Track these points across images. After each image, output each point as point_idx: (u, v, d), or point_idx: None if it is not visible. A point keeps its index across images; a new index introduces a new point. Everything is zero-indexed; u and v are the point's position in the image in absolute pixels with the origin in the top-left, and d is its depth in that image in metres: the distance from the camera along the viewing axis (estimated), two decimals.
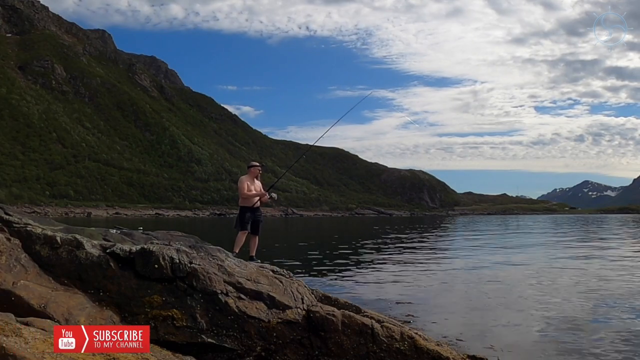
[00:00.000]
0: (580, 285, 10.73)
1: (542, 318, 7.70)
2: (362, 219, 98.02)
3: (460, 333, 6.74)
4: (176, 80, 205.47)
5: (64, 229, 6.90)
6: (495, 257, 16.99)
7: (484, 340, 6.37)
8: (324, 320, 4.97)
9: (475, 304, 8.83)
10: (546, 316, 7.83)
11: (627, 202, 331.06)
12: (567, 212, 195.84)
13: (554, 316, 7.82)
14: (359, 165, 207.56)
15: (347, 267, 14.12)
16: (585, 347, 6.12)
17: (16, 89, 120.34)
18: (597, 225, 53.44)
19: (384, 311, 7.40)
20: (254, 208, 8.00)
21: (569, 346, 6.18)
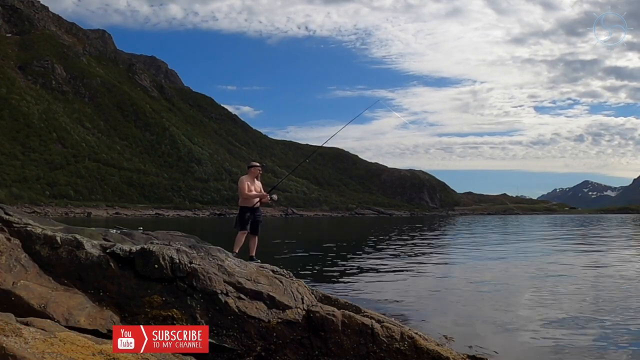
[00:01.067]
0: (580, 285, 10.73)
1: (542, 318, 7.70)
2: (362, 219, 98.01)
3: (460, 333, 6.74)
4: (176, 80, 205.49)
5: (64, 229, 6.90)
6: (495, 257, 16.99)
7: (484, 340, 6.37)
8: (324, 320, 4.97)
9: (476, 304, 8.83)
10: (546, 316, 7.83)
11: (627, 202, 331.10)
12: (567, 212, 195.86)
13: (554, 316, 7.82)
14: (359, 165, 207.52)
15: (347, 267, 14.12)
16: (585, 347, 6.12)
17: (16, 89, 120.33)
18: (596, 225, 53.43)
19: (384, 311, 7.41)
20: (254, 208, 8.00)
21: (568, 346, 6.18)
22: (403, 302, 8.86)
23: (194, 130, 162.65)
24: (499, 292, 10.12)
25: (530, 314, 8.02)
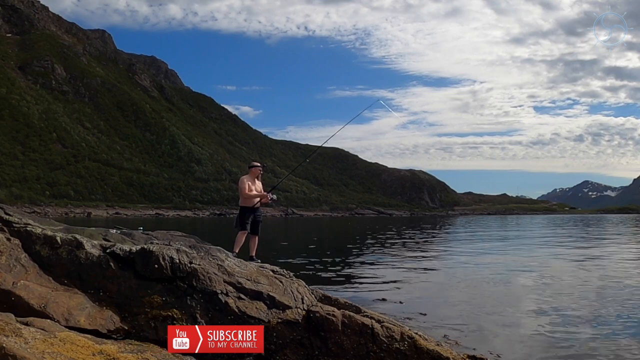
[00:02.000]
0: (580, 285, 10.73)
1: (542, 318, 7.70)
2: (362, 219, 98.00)
3: (460, 333, 6.74)
4: (176, 80, 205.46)
5: (64, 229, 6.90)
6: (494, 257, 16.99)
7: (484, 340, 6.37)
8: (324, 320, 4.97)
9: (476, 304, 8.82)
10: (546, 316, 7.83)
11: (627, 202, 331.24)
12: (567, 212, 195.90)
13: (554, 315, 7.82)
14: (359, 165, 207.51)
15: (347, 267, 14.13)
16: (586, 347, 6.12)
17: (16, 89, 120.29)
18: (596, 225, 53.43)
19: (384, 311, 7.41)
20: (254, 208, 8.00)
21: (568, 346, 6.18)
22: (403, 302, 8.86)
23: (194, 130, 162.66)
24: (499, 291, 10.12)
25: (531, 314, 8.02)
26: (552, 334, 6.78)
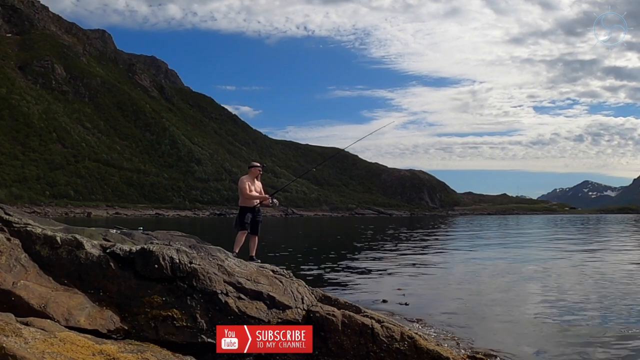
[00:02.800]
0: (581, 285, 10.73)
1: (543, 318, 7.70)
2: (362, 219, 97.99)
3: (460, 332, 6.74)
4: (176, 80, 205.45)
5: (64, 229, 6.90)
6: (494, 257, 16.99)
7: (484, 340, 6.37)
8: (324, 320, 4.96)
9: (476, 304, 8.83)
10: (548, 316, 7.83)
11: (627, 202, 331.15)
12: (567, 212, 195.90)
13: (555, 316, 7.82)
14: (359, 165, 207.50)
15: (347, 267, 14.12)
16: (586, 347, 6.12)
17: (16, 89, 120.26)
18: (596, 225, 53.43)
19: (383, 311, 7.41)
20: (254, 208, 8.00)
21: (570, 346, 6.18)
22: (403, 302, 8.85)
23: (194, 130, 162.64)
24: (499, 291, 10.12)
25: (531, 313, 8.02)
26: (553, 333, 6.78)
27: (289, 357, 4.81)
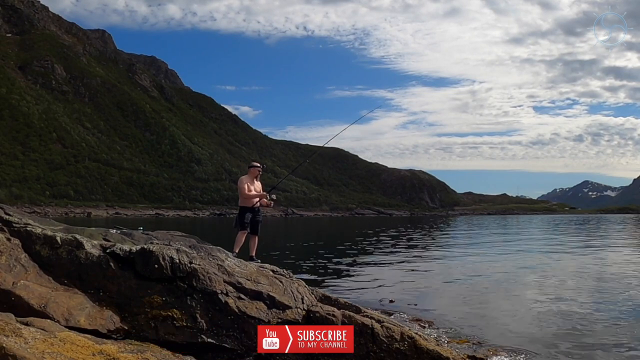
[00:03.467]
0: (581, 284, 10.72)
1: (545, 318, 7.70)
2: (362, 219, 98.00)
3: (460, 332, 6.74)
4: (176, 80, 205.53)
5: (64, 229, 6.90)
6: (494, 257, 16.99)
7: (484, 340, 6.37)
8: (324, 320, 4.96)
9: (475, 304, 8.83)
10: (547, 315, 7.83)
11: (627, 202, 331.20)
12: (567, 212, 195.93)
13: (554, 315, 7.82)
14: (359, 165, 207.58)
15: (347, 267, 14.13)
16: (586, 347, 6.12)
17: (16, 89, 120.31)
18: (597, 225, 53.44)
19: (384, 311, 7.41)
20: (254, 208, 8.00)
21: (571, 346, 6.18)
22: (403, 302, 8.86)
23: (194, 130, 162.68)
24: (499, 290, 10.11)
25: (531, 313, 8.02)
26: (554, 333, 6.78)
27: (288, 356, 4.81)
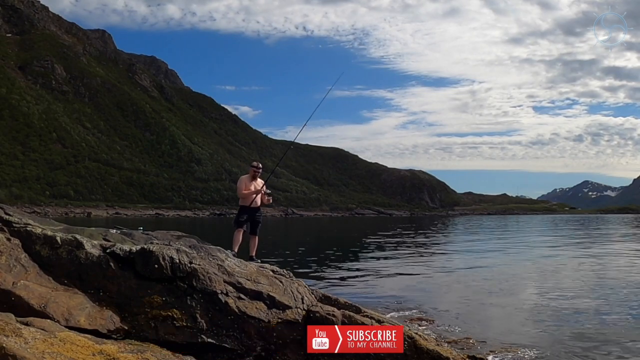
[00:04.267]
0: (582, 284, 10.72)
1: (543, 317, 7.70)
2: (362, 219, 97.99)
3: (460, 332, 6.74)
4: (176, 80, 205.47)
5: (64, 229, 6.89)
6: (494, 256, 16.99)
7: (484, 339, 6.37)
8: (324, 320, 4.96)
9: (476, 303, 8.83)
10: (547, 315, 7.83)
11: (627, 202, 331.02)
12: (567, 212, 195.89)
13: (555, 315, 7.82)
14: (359, 165, 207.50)
15: (347, 267, 14.13)
16: (587, 347, 6.12)
17: (16, 89, 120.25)
18: (597, 225, 53.43)
19: (384, 311, 7.41)
20: (253, 208, 7.98)
21: (572, 347, 6.18)
22: (403, 302, 8.86)
23: (194, 130, 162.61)
24: (500, 290, 10.11)
25: (534, 314, 8.02)
26: (555, 334, 6.78)
27: (288, 356, 4.81)
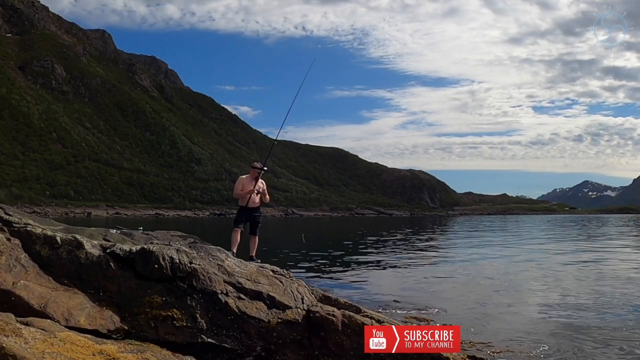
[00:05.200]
0: (583, 284, 10.72)
1: (544, 317, 7.70)
2: (362, 219, 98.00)
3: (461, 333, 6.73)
4: (176, 80, 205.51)
5: (64, 229, 6.89)
6: (494, 256, 16.99)
7: (485, 340, 6.37)
8: (324, 320, 4.96)
9: (476, 304, 8.82)
10: (548, 315, 7.83)
11: (627, 202, 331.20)
12: (567, 212, 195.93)
13: (556, 315, 7.82)
14: (359, 165, 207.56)
15: (347, 267, 14.13)
16: (589, 347, 6.12)
17: (16, 89, 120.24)
18: (597, 226, 53.42)
19: (384, 311, 7.41)
20: (251, 208, 7.98)
21: (570, 345, 6.18)
22: (403, 302, 8.86)
23: (194, 130, 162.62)
24: (500, 290, 10.11)
25: (532, 313, 8.02)
26: (556, 334, 6.77)
27: (288, 356, 4.81)
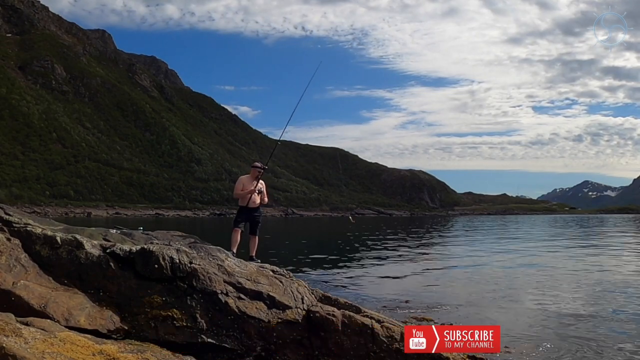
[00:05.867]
0: (583, 284, 10.72)
1: (545, 318, 7.71)
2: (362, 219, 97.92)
3: None
4: (176, 80, 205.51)
5: (64, 229, 6.89)
6: (494, 256, 16.98)
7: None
8: (324, 320, 4.96)
9: (475, 303, 8.83)
10: (549, 316, 7.83)
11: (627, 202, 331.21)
12: (567, 212, 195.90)
13: (557, 316, 7.82)
14: (359, 165, 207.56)
15: (347, 267, 14.13)
16: (589, 348, 6.11)
17: (16, 89, 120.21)
18: (597, 226, 53.41)
19: (384, 311, 7.41)
20: (251, 208, 7.98)
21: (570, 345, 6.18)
22: (403, 302, 8.86)
23: (194, 130, 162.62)
24: (501, 290, 10.11)
25: (535, 313, 8.02)
26: (557, 335, 6.77)
27: (288, 356, 4.81)
